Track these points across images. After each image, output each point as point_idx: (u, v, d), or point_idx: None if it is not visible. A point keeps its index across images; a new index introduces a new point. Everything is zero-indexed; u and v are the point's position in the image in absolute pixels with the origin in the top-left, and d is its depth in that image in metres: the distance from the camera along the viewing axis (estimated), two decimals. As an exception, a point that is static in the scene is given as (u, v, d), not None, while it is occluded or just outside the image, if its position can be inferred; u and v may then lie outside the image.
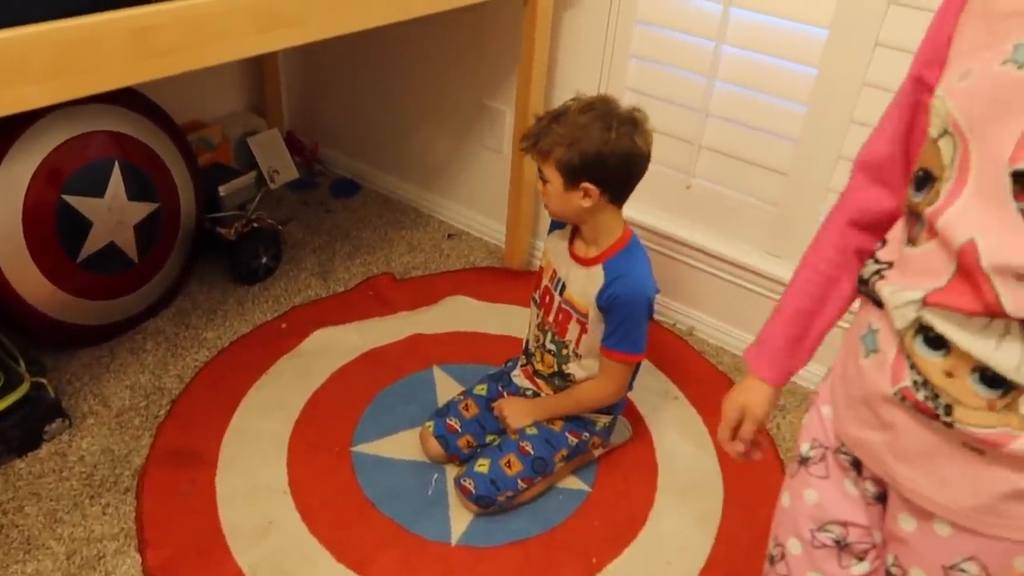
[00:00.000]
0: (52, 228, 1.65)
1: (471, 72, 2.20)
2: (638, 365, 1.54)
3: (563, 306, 1.51)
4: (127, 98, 1.81)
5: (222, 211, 2.15)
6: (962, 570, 0.72)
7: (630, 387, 1.59)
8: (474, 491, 1.49)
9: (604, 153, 1.37)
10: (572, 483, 1.63)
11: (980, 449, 0.67)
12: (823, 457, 0.85)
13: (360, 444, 1.66)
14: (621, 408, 1.63)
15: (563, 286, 1.51)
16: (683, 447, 1.71)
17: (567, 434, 1.57)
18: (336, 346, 1.91)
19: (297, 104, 2.72)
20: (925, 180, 0.67)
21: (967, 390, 0.65)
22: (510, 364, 1.71)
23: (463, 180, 2.39)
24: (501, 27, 1.98)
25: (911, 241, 0.69)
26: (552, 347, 1.56)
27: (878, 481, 0.80)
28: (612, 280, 1.42)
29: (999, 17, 0.61)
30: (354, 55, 2.47)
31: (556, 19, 1.89)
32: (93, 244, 1.73)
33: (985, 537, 0.69)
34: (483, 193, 2.32)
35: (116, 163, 1.75)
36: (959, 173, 0.63)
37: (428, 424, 1.62)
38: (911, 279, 0.68)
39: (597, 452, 1.66)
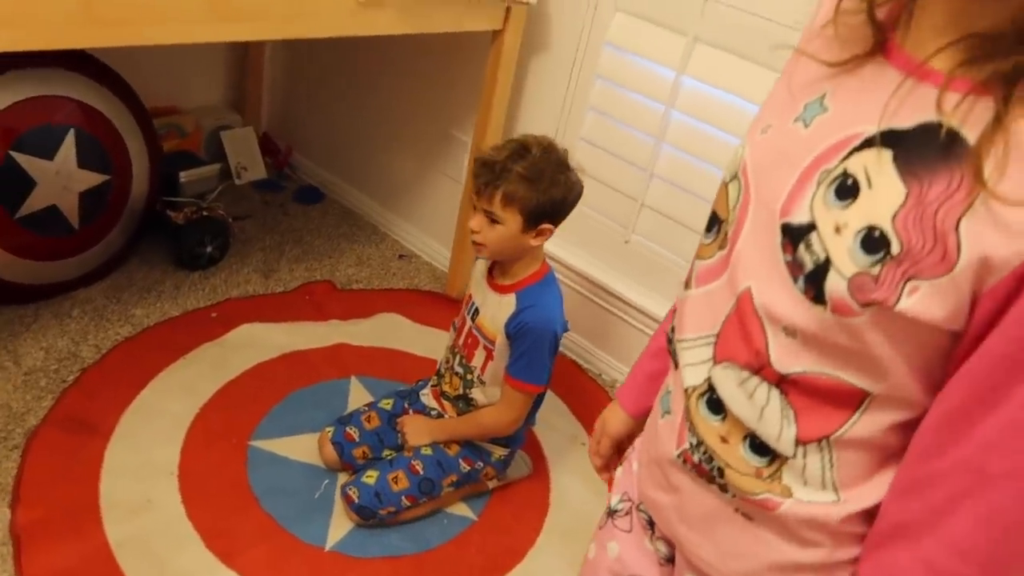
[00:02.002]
0: (-5, 181, 1.68)
1: (441, 101, 2.26)
2: (540, 398, 1.57)
3: (472, 331, 1.54)
4: (96, 71, 1.86)
5: (179, 196, 2.19)
6: None
7: (531, 420, 1.62)
8: (357, 500, 1.50)
9: (568, 198, 1.43)
10: (460, 510, 1.64)
11: (750, 515, 0.68)
12: (629, 511, 0.86)
13: (259, 439, 1.67)
14: (519, 443, 1.65)
15: (476, 312, 1.54)
16: (578, 491, 1.73)
17: (461, 460, 1.58)
18: (260, 342, 1.93)
19: (276, 107, 2.77)
20: (713, 222, 0.71)
21: (738, 456, 0.66)
22: (421, 383, 1.73)
23: (421, 204, 2.43)
24: (473, 61, 2.05)
25: (687, 284, 0.72)
26: (459, 370, 1.59)
27: (668, 542, 0.81)
28: (523, 309, 1.46)
29: (798, 84, 0.65)
30: (338, 69, 2.53)
31: (523, 61, 1.96)
32: (34, 203, 1.75)
33: None
34: (438, 219, 2.37)
35: (72, 130, 1.78)
36: (739, 217, 0.66)
37: (328, 429, 1.63)
38: (688, 322, 0.71)
39: (491, 484, 1.68)
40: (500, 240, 1.43)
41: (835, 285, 0.56)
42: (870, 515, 0.64)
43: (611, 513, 0.88)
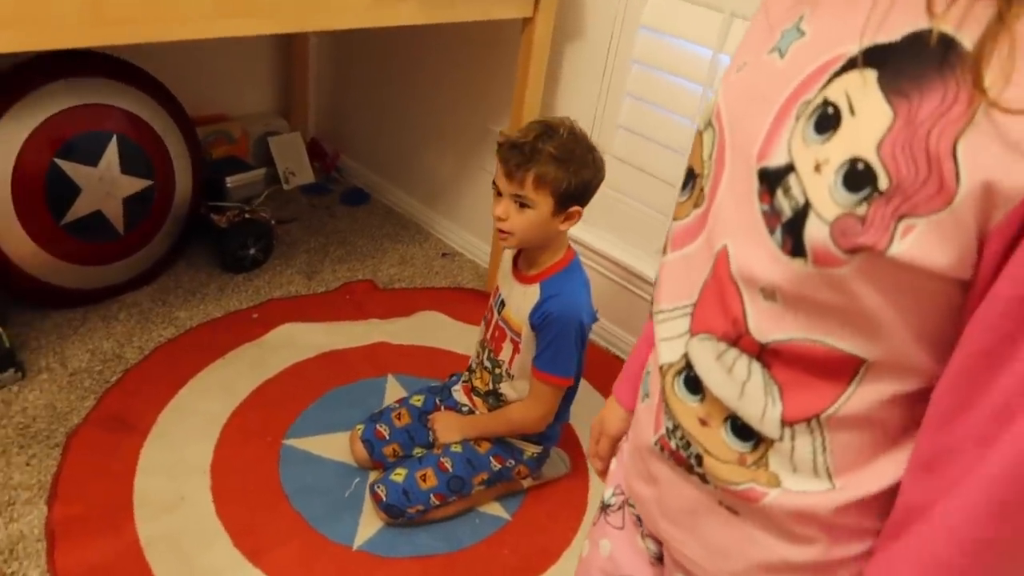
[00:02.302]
0: (41, 188, 1.73)
1: (478, 95, 2.23)
2: (571, 392, 1.51)
3: (500, 324, 1.50)
4: (138, 79, 1.90)
5: (226, 201, 2.22)
6: None
7: (563, 416, 1.56)
8: (385, 498, 1.48)
9: (596, 179, 1.38)
10: (493, 509, 1.59)
11: (734, 508, 0.61)
12: (621, 506, 0.79)
13: (292, 438, 1.66)
14: (553, 440, 1.60)
15: (502, 304, 1.49)
16: (617, 492, 1.66)
17: (491, 458, 1.54)
18: (299, 342, 1.93)
19: (323, 112, 2.80)
20: (688, 179, 0.63)
21: (718, 441, 0.59)
22: (453, 379, 1.69)
23: (462, 201, 2.41)
24: (508, 53, 2.01)
25: (664, 250, 0.65)
26: (488, 364, 1.54)
27: (656, 540, 0.74)
28: (547, 298, 1.40)
29: (776, 12, 0.57)
30: (380, 72, 2.54)
31: (557, 49, 1.91)
32: (79, 209, 1.80)
33: None
34: (478, 216, 2.34)
35: (115, 137, 1.83)
36: (715, 168, 0.58)
37: (358, 427, 1.61)
38: (664, 291, 0.64)
39: (526, 483, 1.63)
40: (529, 226, 1.36)
41: (815, 232, 0.49)
42: (870, 505, 0.56)
43: (604, 508, 0.82)
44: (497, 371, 1.52)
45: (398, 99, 2.51)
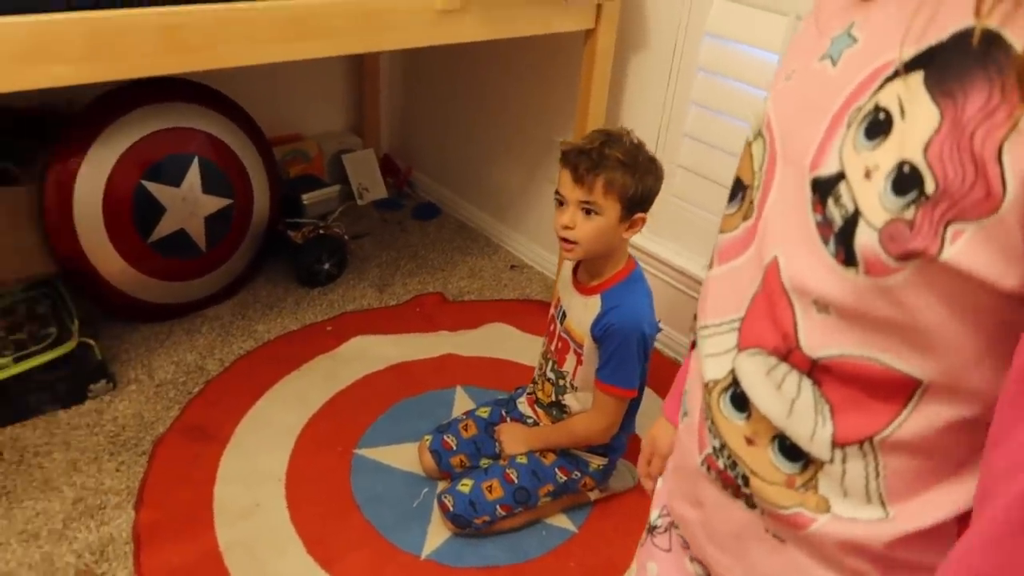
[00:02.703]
0: (129, 208, 1.83)
1: (543, 107, 2.24)
2: (635, 403, 1.50)
3: (562, 335, 1.50)
4: (219, 103, 1.99)
5: (303, 217, 2.30)
6: None
7: (628, 427, 1.55)
8: (452, 509, 1.49)
9: (657, 187, 1.39)
10: (560, 521, 1.59)
11: (781, 536, 0.58)
12: (667, 528, 0.77)
13: (363, 448, 1.70)
14: (619, 452, 1.58)
15: (563, 315, 1.50)
16: (686, 505, 1.63)
17: (556, 470, 1.54)
18: (371, 354, 1.98)
19: (396, 129, 2.87)
20: (737, 190, 0.62)
21: (765, 461, 0.57)
22: (519, 391, 1.70)
23: (530, 214, 2.42)
24: (572, 64, 2.02)
25: (710, 264, 0.64)
26: (552, 376, 1.55)
27: (703, 564, 0.71)
28: (608, 310, 1.40)
29: (826, 17, 0.56)
30: (449, 88, 2.58)
31: (620, 59, 1.91)
32: (164, 228, 1.90)
33: None
34: (546, 228, 2.34)
35: (196, 159, 1.92)
36: (766, 179, 0.57)
37: (426, 438, 1.64)
38: (711, 306, 0.63)
39: (593, 495, 1.62)
40: (596, 234, 1.35)
41: (865, 239, 0.47)
42: (926, 539, 0.53)
43: (651, 529, 0.80)
44: (561, 383, 1.52)
45: (466, 114, 2.55)
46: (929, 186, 0.45)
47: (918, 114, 0.46)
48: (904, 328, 0.49)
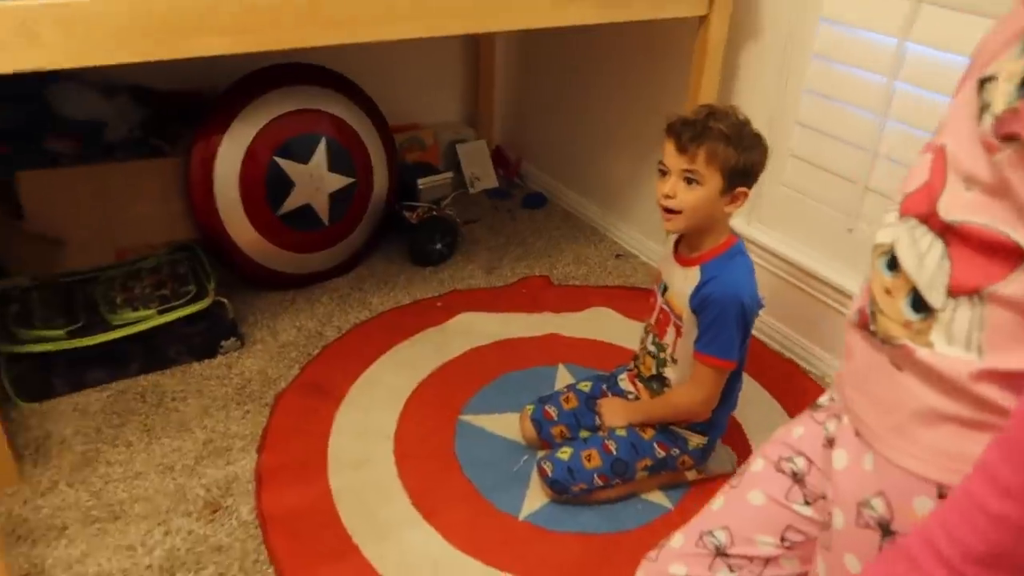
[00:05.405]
0: (262, 182, 1.98)
1: (651, 99, 2.27)
2: (735, 377, 1.50)
3: (663, 307, 1.52)
4: (347, 89, 2.13)
5: (417, 201, 2.41)
6: (871, 507, 0.73)
7: (729, 404, 1.55)
8: (550, 474, 1.54)
9: (762, 163, 1.41)
10: (656, 497, 1.61)
11: (898, 364, 0.70)
12: (830, 411, 0.89)
13: (468, 414, 1.77)
14: (719, 431, 1.59)
15: (665, 288, 1.52)
16: (785, 490, 1.62)
17: (655, 445, 1.56)
18: (478, 329, 2.06)
19: (508, 121, 2.95)
20: None
21: (896, 308, 0.69)
22: (619, 369, 1.73)
23: (638, 205, 2.45)
24: (683, 53, 2.04)
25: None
26: (652, 348, 1.57)
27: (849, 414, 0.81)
28: (707, 280, 1.41)
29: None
30: (558, 81, 2.65)
31: (732, 46, 1.91)
32: (292, 202, 2.04)
33: (893, 469, 0.70)
34: (654, 219, 2.35)
35: (324, 138, 2.05)
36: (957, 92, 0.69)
37: (528, 407, 1.69)
38: (903, 185, 0.73)
39: (690, 475, 1.63)
40: (697, 204, 1.37)
41: (986, 124, 0.60)
42: (1007, 380, 0.62)
43: (815, 407, 0.93)
44: (661, 355, 1.55)
45: (575, 106, 2.61)
46: None
47: None
48: (1010, 200, 0.59)
